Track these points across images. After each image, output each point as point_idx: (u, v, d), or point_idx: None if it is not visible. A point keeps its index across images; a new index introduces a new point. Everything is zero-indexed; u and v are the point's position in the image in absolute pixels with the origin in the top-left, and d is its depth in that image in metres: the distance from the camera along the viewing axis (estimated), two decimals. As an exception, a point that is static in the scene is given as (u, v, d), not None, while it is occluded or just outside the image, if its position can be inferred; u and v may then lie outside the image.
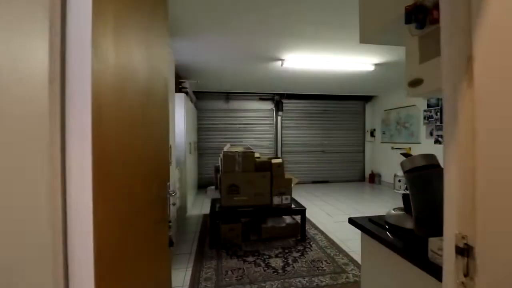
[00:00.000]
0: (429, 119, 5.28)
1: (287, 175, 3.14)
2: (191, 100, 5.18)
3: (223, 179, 2.86)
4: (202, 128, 6.26)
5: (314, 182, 6.97)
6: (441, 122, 4.97)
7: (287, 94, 6.54)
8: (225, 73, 4.51)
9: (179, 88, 4.01)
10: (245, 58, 3.70)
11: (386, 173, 6.59)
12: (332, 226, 3.56)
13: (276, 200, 2.98)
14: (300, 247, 2.82)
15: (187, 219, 3.85)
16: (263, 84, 5.49)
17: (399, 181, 4.93)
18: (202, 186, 6.01)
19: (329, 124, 7.04)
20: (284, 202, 3.00)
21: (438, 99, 5.05)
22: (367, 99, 7.15)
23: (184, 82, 4.31)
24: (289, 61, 3.70)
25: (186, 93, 4.43)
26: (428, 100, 5.30)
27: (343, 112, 7.14)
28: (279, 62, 3.82)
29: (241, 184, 2.89)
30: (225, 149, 3.19)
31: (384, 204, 4.72)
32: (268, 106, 6.69)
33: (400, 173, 4.61)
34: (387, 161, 6.59)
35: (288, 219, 3.17)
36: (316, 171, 6.99)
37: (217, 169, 3.27)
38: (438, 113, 5.04)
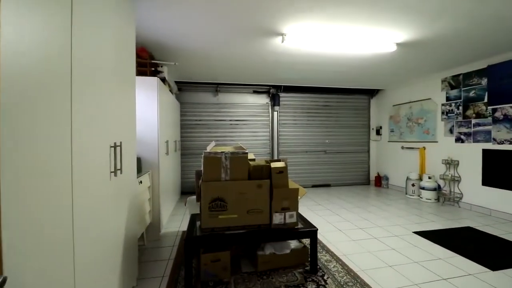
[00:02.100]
0: (449, 114, 4.58)
1: (291, 183, 2.34)
2: (171, 91, 4.32)
3: (203, 190, 2.04)
4: (186, 124, 5.41)
5: (314, 186, 6.21)
6: (463, 118, 4.27)
7: (284, 86, 5.75)
8: (211, 56, 3.68)
9: (151, 71, 3.16)
10: (236, 32, 2.89)
11: (395, 176, 5.88)
12: (346, 247, 2.79)
13: (278, 219, 2.18)
14: (310, 285, 2.03)
15: (161, 240, 3.01)
16: (258, 73, 4.68)
17: (413, 185, 4.15)
18: (186, 192, 5.17)
19: (330, 121, 6.30)
20: (289, 220, 2.20)
21: (460, 91, 4.35)
22: (372, 93, 6.44)
23: (158, 64, 3.47)
24: (292, 36, 2.91)
25: (163, 80, 3.59)
26: (447, 93, 4.60)
27: (346, 107, 6.41)
28: (279, 38, 3.02)
29: (230, 197, 2.08)
30: (208, 148, 2.37)
31: (400, 213, 3.99)
32: (263, 100, 5.90)
33: (413, 176, 3.82)
34: (396, 162, 5.89)
35: (293, 242, 2.37)
36: (317, 174, 6.23)
37: (199, 175, 2.45)
38: (460, 107, 4.34)
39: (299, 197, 2.28)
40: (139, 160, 2.77)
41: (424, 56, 3.73)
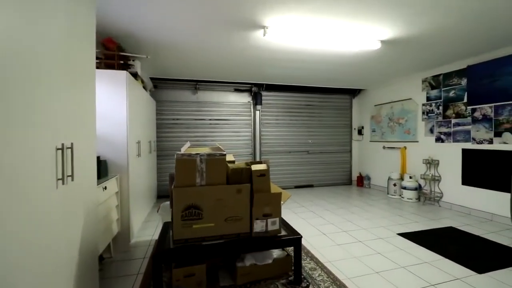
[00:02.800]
0: (429, 114, 4.61)
1: (274, 187, 2.16)
2: (145, 87, 4.02)
3: (175, 197, 1.81)
4: (163, 124, 5.09)
5: (297, 186, 6.10)
6: (444, 118, 4.30)
7: (266, 85, 5.58)
8: (188, 50, 3.43)
9: (119, 65, 2.87)
10: (214, 24, 2.67)
11: (377, 176, 5.90)
12: (331, 253, 2.65)
13: (259, 226, 1.99)
14: (295, 299, 1.86)
15: (131, 251, 2.72)
16: (239, 70, 4.47)
17: (394, 185, 4.10)
18: (163, 196, 4.86)
19: (313, 121, 6.21)
20: (271, 228, 2.02)
21: (440, 91, 4.38)
22: (354, 93, 6.43)
23: (128, 57, 3.17)
24: (274, 30, 2.73)
25: (135, 74, 3.29)
26: (427, 93, 4.63)
27: (328, 107, 6.35)
28: (261, 32, 2.83)
29: (206, 204, 1.86)
30: (183, 150, 2.14)
31: (384, 214, 3.94)
32: (245, 99, 5.69)
33: (394, 176, 3.76)
34: (377, 162, 5.90)
35: (276, 251, 2.19)
36: (300, 174, 6.12)
37: (172, 179, 2.21)
38: (440, 107, 4.37)
39: (282, 202, 2.10)
40: (104, 163, 2.48)
41: (407, 55, 3.70)
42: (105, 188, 2.25)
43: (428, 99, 4.63)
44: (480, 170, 3.76)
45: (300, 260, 2.04)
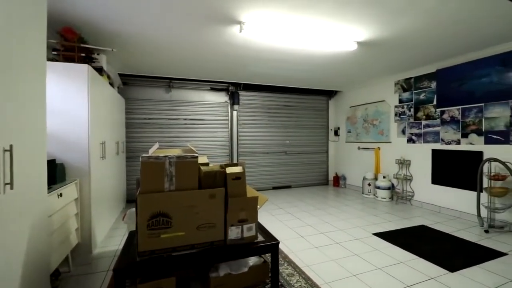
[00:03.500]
0: (401, 116, 4.75)
1: (250, 191, 2.04)
2: (112, 84, 3.73)
3: (140, 204, 1.63)
4: (133, 123, 4.78)
5: (275, 188, 6.04)
6: (415, 119, 4.45)
7: (244, 84, 5.46)
8: (159, 45, 3.22)
9: (80, 57, 2.60)
10: (186, 16, 2.50)
11: (352, 176, 6.00)
12: (309, 256, 2.59)
13: (234, 233, 1.86)
14: (272, 309, 1.75)
15: (93, 263, 2.46)
16: (215, 69, 4.31)
17: (369, 185, 4.17)
18: (132, 200, 4.55)
19: (290, 121, 6.20)
20: (247, 234, 1.90)
21: (411, 94, 4.53)
22: (330, 94, 6.51)
23: (92, 50, 2.90)
24: (251, 26, 2.62)
25: (100, 69, 3.02)
26: (400, 95, 4.77)
27: (305, 108, 6.37)
28: (237, 28, 2.71)
29: (175, 211, 1.70)
30: (150, 152, 1.95)
31: (359, 214, 3.98)
32: (222, 98, 5.53)
33: (369, 175, 3.84)
34: (353, 162, 6.01)
35: (252, 258, 2.07)
36: (278, 175, 6.07)
37: (139, 184, 2.01)
38: (412, 109, 4.52)
39: (258, 206, 1.99)
40: (60, 167, 2.22)
41: (381, 58, 3.76)
42: (60, 195, 2.00)
43: (400, 101, 4.78)
44: (449, 169, 3.92)
45: (277, 267, 1.94)
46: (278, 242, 1.95)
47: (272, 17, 2.49)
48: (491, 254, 2.56)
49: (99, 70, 3.02)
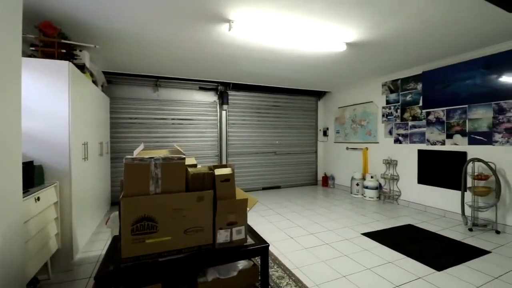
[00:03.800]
0: (388, 117, 4.83)
1: (240, 193, 2.00)
2: (96, 82, 3.59)
3: (124, 208, 1.55)
4: (118, 123, 4.63)
5: (264, 188, 6.01)
6: (401, 120, 4.52)
7: (233, 84, 5.40)
8: (146, 42, 3.12)
9: (60, 54, 2.47)
10: (173, 14, 2.42)
11: (341, 176, 6.05)
12: (299, 258, 2.57)
13: (223, 236, 1.81)
14: (262, 314, 1.71)
15: (74, 269, 2.35)
16: (204, 68, 4.23)
17: (357, 184, 4.21)
18: (117, 203, 4.40)
19: (280, 121, 6.19)
20: (236, 237, 1.85)
21: (398, 95, 4.60)
22: (319, 95, 6.55)
23: (74, 47, 2.78)
24: (240, 24, 2.57)
25: (82, 67, 2.90)
26: (387, 96, 4.85)
27: (295, 108, 6.38)
28: (226, 26, 2.65)
29: (161, 215, 1.63)
30: (135, 153, 1.87)
31: (348, 214, 4.00)
32: (211, 98, 5.45)
33: (357, 175, 3.90)
34: (341, 162, 6.06)
35: (242, 262, 2.02)
36: (267, 176, 6.05)
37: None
38: (399, 110, 4.60)
39: (248, 208, 1.95)
40: (38, 169, 2.10)
41: (369, 59, 3.80)
42: (38, 199, 1.89)
43: (387, 102, 4.85)
44: (434, 169, 4.01)
45: (267, 271, 1.91)
46: (268, 245, 1.92)
47: (261, 15, 2.45)
48: (476, 253, 2.62)
49: (81, 68, 2.90)
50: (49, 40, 2.46)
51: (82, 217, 2.72)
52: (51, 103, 2.25)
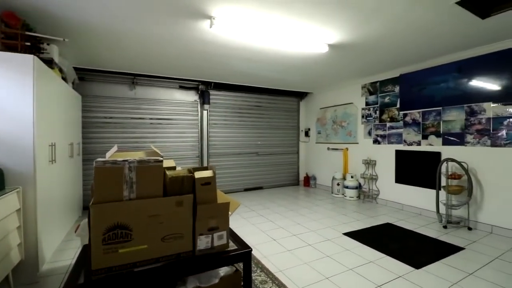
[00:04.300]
0: (367, 118, 4.94)
1: (221, 196, 1.92)
2: (66, 79, 3.35)
3: (94, 216, 1.42)
4: (91, 122, 4.36)
5: (246, 189, 5.94)
6: (380, 121, 4.64)
7: (215, 83, 5.29)
8: (121, 37, 2.95)
9: (24, 47, 2.26)
10: (151, 7, 2.30)
11: (322, 176, 6.13)
12: (282, 260, 2.53)
13: (203, 243, 1.72)
14: (245, 322, 1.65)
15: (40, 282, 2.15)
16: (184, 66, 4.10)
17: (338, 184, 4.26)
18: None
19: (262, 122, 6.15)
20: (217, 243, 1.77)
21: (377, 97, 4.72)
22: (301, 96, 6.59)
23: (40, 39, 2.56)
24: (222, 21, 2.49)
25: (50, 61, 2.68)
26: (366, 98, 4.96)
27: (277, 109, 6.38)
28: (207, 23, 2.56)
29: (136, 222, 1.51)
30: (107, 155, 1.74)
31: (330, 214, 4.04)
32: (191, 97, 5.30)
33: (338, 175, 3.95)
34: (322, 162, 6.13)
35: (223, 268, 1.94)
36: (249, 177, 5.99)
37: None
38: (377, 112, 4.71)
39: (230, 212, 1.87)
40: (-4, 173, 1.90)
41: (350, 61, 3.85)
42: (-5, 206, 1.70)
43: (367, 103, 4.96)
44: (411, 169, 4.14)
45: (250, 276, 1.84)
46: (251, 250, 1.85)
47: (243, 13, 2.39)
48: (451, 249, 2.72)
49: (49, 62, 2.69)
50: (11, 31, 2.24)
51: (50, 224, 2.51)
52: (12, 100, 2.04)
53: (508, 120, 3.07)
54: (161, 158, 1.63)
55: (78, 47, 3.22)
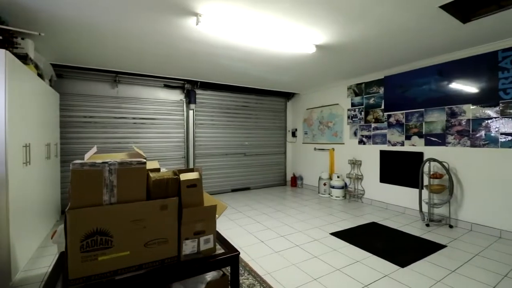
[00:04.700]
0: (353, 119, 5.01)
1: (208, 198, 1.86)
2: (42, 75, 3.17)
3: (71, 223, 1.33)
4: (70, 122, 4.16)
5: (234, 190, 5.89)
6: (365, 122, 4.72)
7: (201, 82, 5.20)
8: (102, 33, 2.82)
9: (-7, 40, 2.12)
10: (135, 1, 2.20)
11: (309, 176, 6.16)
12: (270, 263, 2.50)
13: (189, 247, 1.66)
14: (233, 328, 1.60)
15: (11, 293, 2.02)
16: (170, 64, 3.99)
17: (324, 184, 4.29)
18: (70, 210, 3.95)
19: (249, 122, 6.11)
20: (204, 247, 1.71)
21: (362, 98, 4.80)
22: (288, 96, 6.61)
23: (13, 33, 2.40)
24: (209, 19, 2.43)
25: (24, 57, 2.53)
26: (352, 99, 5.03)
27: (264, 109, 6.36)
28: (193, 20, 2.49)
29: (117, 228, 1.44)
30: (86, 157, 1.64)
31: (317, 214, 4.06)
32: (177, 96, 5.18)
33: (324, 175, 4.00)
34: (309, 163, 6.17)
35: (210, 273, 1.89)
36: (236, 177, 5.93)
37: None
38: (363, 112, 4.79)
39: (217, 215, 1.82)
40: (-38, 177, 1.75)
41: (337, 63, 3.89)
42: (-40, 213, 1.56)
43: (352, 105, 5.04)
44: (395, 169, 4.24)
45: (238, 281, 1.80)
46: (239, 253, 1.81)
47: (230, 11, 2.34)
48: (434, 247, 2.79)
49: (23, 58, 2.54)
50: (-22, 23, 2.09)
51: (24, 230, 2.35)
52: (-20, 98, 1.90)
53: (486, 121, 3.19)
54: (144, 160, 1.56)
55: (55, 42, 3.06)
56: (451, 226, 3.41)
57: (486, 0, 2.11)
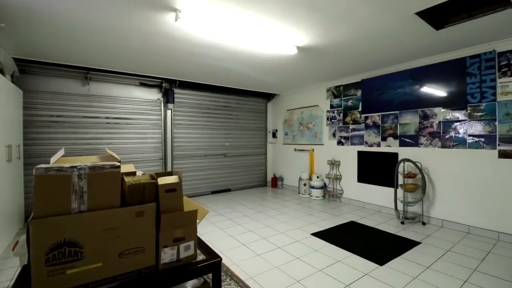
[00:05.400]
0: (332, 120, 5.11)
1: (188, 203, 1.77)
2: (2, 70, 2.89)
3: (35, 233, 1.20)
4: (36, 121, 3.84)
5: (214, 192, 5.77)
6: (344, 124, 4.83)
7: (179, 81, 5.04)
8: (72, 25, 2.62)
9: None
10: (107, -7, 2.06)
11: (289, 176, 6.21)
12: (253, 266, 2.46)
13: (168, 255, 1.57)
14: (215, 338, 1.53)
15: (-37, 313, 1.80)
16: (147, 61, 3.81)
17: (304, 184, 4.34)
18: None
19: (230, 123, 6.04)
20: (184, 254, 1.62)
21: (341, 100, 4.91)
22: (269, 97, 6.61)
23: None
24: (188, 15, 2.34)
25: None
26: (331, 101, 5.13)
27: (245, 110, 6.31)
28: (172, 16, 2.38)
29: (87, 238, 1.31)
30: (52, 161, 1.50)
31: (297, 215, 4.08)
32: (154, 95, 4.98)
33: (304, 176, 4.04)
34: (289, 163, 6.22)
35: (191, 281, 1.80)
36: (217, 179, 5.82)
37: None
38: (341, 114, 4.90)
39: (198, 220, 1.74)
40: None
41: (317, 65, 3.94)
42: None
43: (331, 106, 5.14)
44: (371, 169, 4.37)
45: (220, 286, 1.73)
46: (221, 259, 1.74)
47: (212, 8, 2.27)
48: (409, 244, 2.90)
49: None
50: None
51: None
52: None
53: (455, 124, 3.38)
54: (118, 164, 1.44)
55: (18, 34, 2.80)
56: (424, 223, 3.57)
57: (457, 9, 2.22)
